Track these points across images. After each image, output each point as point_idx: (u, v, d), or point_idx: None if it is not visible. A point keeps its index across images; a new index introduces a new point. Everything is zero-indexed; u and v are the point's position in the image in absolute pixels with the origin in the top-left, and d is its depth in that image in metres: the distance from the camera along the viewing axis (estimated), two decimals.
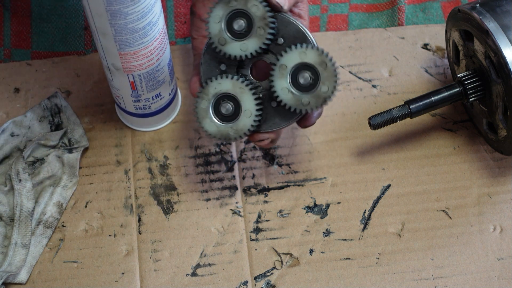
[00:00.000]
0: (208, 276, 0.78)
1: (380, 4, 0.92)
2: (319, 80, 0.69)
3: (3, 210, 0.79)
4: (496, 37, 0.74)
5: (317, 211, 0.81)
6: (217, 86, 0.71)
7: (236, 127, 0.72)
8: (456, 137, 0.84)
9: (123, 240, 0.79)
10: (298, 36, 0.71)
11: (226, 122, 0.72)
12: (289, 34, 0.71)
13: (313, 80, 0.70)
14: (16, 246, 0.77)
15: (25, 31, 0.91)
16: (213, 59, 0.72)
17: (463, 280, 0.77)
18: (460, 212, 0.80)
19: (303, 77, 0.70)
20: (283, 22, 0.71)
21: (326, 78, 0.69)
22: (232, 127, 0.72)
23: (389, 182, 0.82)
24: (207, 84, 0.72)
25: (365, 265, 0.78)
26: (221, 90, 0.71)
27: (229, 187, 0.82)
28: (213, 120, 0.72)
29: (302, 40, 0.71)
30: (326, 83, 0.69)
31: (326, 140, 0.84)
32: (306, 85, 0.70)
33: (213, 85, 0.71)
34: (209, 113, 0.72)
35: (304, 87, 0.70)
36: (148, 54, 0.75)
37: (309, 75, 0.70)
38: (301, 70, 0.70)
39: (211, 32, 0.70)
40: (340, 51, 0.89)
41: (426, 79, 0.88)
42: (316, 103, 0.70)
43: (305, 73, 0.70)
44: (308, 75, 0.70)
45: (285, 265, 0.78)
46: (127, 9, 0.70)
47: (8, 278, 0.76)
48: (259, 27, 0.70)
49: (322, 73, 0.69)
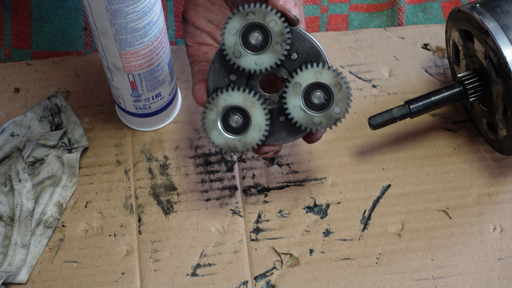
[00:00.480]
0: (208, 276, 0.78)
1: (380, 4, 0.93)
2: (332, 101, 0.69)
3: (3, 210, 0.79)
4: (496, 37, 0.74)
5: (317, 211, 0.81)
6: (227, 99, 0.70)
7: (244, 140, 0.71)
8: (456, 137, 0.84)
9: (123, 240, 0.79)
10: (312, 53, 0.70)
11: (234, 135, 0.71)
12: (303, 50, 0.70)
13: (326, 100, 0.69)
14: (16, 246, 0.77)
15: (25, 31, 0.91)
16: (223, 68, 0.71)
17: (463, 280, 0.77)
18: (460, 212, 0.80)
19: (317, 97, 0.69)
20: (298, 37, 0.70)
21: (340, 100, 0.69)
22: (240, 140, 0.71)
23: (389, 182, 0.82)
24: (217, 96, 0.70)
25: (365, 265, 0.78)
26: (232, 103, 0.70)
27: (229, 187, 0.82)
28: (221, 132, 0.71)
29: (316, 57, 0.70)
30: (339, 104, 0.69)
31: (326, 140, 0.84)
32: (319, 105, 0.70)
33: (223, 97, 0.70)
34: (217, 125, 0.71)
35: (317, 107, 0.70)
36: (148, 53, 0.75)
37: (323, 95, 0.69)
38: (314, 90, 0.69)
39: (226, 43, 0.69)
40: (340, 51, 0.89)
41: (426, 79, 0.88)
42: (328, 123, 0.70)
43: (319, 92, 0.69)
44: (322, 95, 0.69)
45: (285, 265, 0.78)
46: (127, 8, 0.70)
47: (8, 278, 0.76)
48: (276, 42, 0.69)
49: (336, 94, 0.69)
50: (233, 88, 0.70)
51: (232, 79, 0.71)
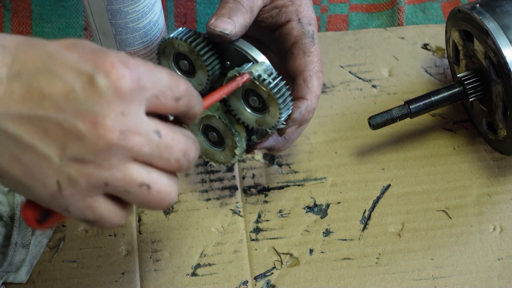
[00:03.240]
0: (208, 276, 0.78)
1: (380, 4, 0.93)
2: (266, 105, 0.68)
3: (4, 210, 0.79)
4: (496, 37, 0.74)
5: (317, 211, 0.81)
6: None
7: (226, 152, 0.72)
8: (456, 137, 0.84)
9: (123, 240, 0.79)
10: (240, 56, 0.69)
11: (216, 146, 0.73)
12: (231, 56, 0.69)
13: (261, 103, 0.68)
14: (17, 246, 0.78)
15: (25, 32, 0.91)
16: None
17: (463, 280, 0.77)
18: (460, 212, 0.80)
19: (253, 100, 0.68)
20: (225, 46, 0.69)
21: (271, 105, 0.67)
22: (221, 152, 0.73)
23: (389, 182, 0.82)
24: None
25: (365, 265, 0.78)
26: (206, 123, 0.71)
27: (229, 187, 0.82)
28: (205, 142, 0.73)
29: (245, 60, 0.69)
30: (271, 109, 0.68)
31: (326, 140, 0.84)
32: (258, 107, 0.69)
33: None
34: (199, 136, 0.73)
35: (257, 108, 0.69)
36: (149, 53, 0.75)
37: (256, 97, 0.68)
38: (250, 92, 0.68)
39: None
40: (340, 51, 0.89)
41: (426, 79, 0.88)
42: (269, 126, 0.69)
43: (252, 96, 0.68)
44: (255, 98, 0.68)
45: (285, 265, 0.78)
46: (128, 8, 0.70)
47: (8, 277, 0.76)
48: (195, 59, 0.69)
49: (266, 99, 0.67)
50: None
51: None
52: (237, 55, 0.69)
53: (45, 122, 0.52)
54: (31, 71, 0.52)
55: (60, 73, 0.52)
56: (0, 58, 0.52)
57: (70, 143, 0.52)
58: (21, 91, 0.52)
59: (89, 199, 0.54)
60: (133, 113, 0.53)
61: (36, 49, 0.53)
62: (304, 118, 0.70)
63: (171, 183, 0.56)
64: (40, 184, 0.53)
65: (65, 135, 0.52)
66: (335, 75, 0.88)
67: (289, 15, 0.72)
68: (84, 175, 0.52)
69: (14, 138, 0.52)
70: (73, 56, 0.53)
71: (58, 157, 0.52)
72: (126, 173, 0.53)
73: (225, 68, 0.70)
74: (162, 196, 0.55)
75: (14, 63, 0.52)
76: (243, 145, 0.72)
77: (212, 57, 0.69)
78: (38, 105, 0.52)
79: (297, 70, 0.71)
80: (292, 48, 0.72)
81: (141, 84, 0.53)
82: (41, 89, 0.52)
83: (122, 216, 0.56)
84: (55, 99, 0.52)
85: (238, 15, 0.68)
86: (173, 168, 0.56)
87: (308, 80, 0.70)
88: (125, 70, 0.52)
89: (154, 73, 0.54)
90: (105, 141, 0.52)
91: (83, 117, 0.51)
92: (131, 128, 0.52)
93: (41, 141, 0.52)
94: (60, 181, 0.52)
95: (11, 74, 0.52)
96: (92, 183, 0.53)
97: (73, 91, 0.52)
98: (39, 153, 0.52)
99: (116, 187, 0.54)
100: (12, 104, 0.52)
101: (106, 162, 0.52)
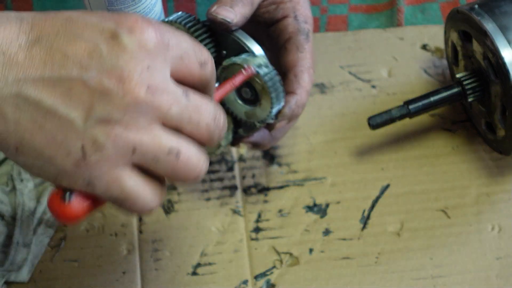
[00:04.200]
0: (209, 275, 0.78)
1: (379, 5, 0.93)
2: (259, 98, 0.67)
3: (5, 209, 0.79)
4: (494, 38, 0.74)
5: (317, 211, 0.81)
6: None
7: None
8: (455, 137, 0.85)
9: (124, 239, 0.80)
10: (237, 46, 0.68)
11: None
12: (228, 45, 0.69)
13: (253, 95, 0.68)
14: (18, 245, 0.78)
15: None
16: None
17: (462, 279, 0.77)
18: (459, 212, 0.81)
19: (245, 92, 0.68)
20: (223, 36, 0.69)
21: (264, 98, 0.67)
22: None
23: (388, 182, 0.82)
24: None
25: (364, 264, 0.78)
26: None
27: (229, 186, 0.82)
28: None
29: (241, 50, 0.68)
30: (263, 102, 0.67)
31: (326, 140, 0.84)
32: (250, 99, 0.68)
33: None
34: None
35: (249, 101, 0.68)
36: None
37: (249, 90, 0.67)
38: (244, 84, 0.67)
39: None
40: (340, 51, 0.89)
41: (425, 80, 0.88)
42: (258, 119, 0.68)
43: (245, 88, 0.68)
44: (248, 90, 0.68)
45: (285, 264, 0.79)
46: (128, 9, 0.70)
47: (10, 277, 0.76)
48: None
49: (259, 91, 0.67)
50: None
51: None
52: (235, 44, 0.68)
53: (68, 83, 0.49)
54: (51, 35, 0.50)
55: (81, 33, 0.50)
56: (18, 27, 0.51)
57: (95, 103, 0.49)
58: (42, 54, 0.50)
59: (116, 169, 0.51)
60: (160, 70, 0.51)
61: (55, 16, 0.52)
62: (294, 113, 0.69)
63: (200, 153, 0.53)
64: (63, 152, 0.50)
65: (90, 94, 0.49)
66: (334, 76, 0.88)
67: (286, 11, 0.71)
68: (111, 137, 0.50)
69: (35, 104, 0.50)
70: (93, 17, 0.51)
71: (82, 120, 0.49)
72: (155, 136, 0.51)
73: (220, 57, 0.69)
74: (191, 167, 0.53)
75: (33, 30, 0.51)
76: (229, 137, 0.71)
77: (208, 44, 0.68)
78: (60, 66, 0.50)
79: (289, 65, 0.70)
80: (286, 44, 0.71)
81: (166, 41, 0.51)
82: (62, 50, 0.50)
83: (154, 196, 0.53)
84: (78, 58, 0.50)
85: (239, 5, 0.68)
86: (203, 135, 0.53)
87: (299, 76, 0.70)
88: (149, 27, 0.51)
89: (177, 35, 0.53)
90: (132, 96, 0.49)
91: (109, 73, 0.49)
92: (159, 85, 0.50)
93: (64, 103, 0.49)
94: (85, 146, 0.50)
95: (30, 40, 0.50)
96: (119, 148, 0.50)
97: (96, 49, 0.50)
98: (62, 117, 0.49)
99: (144, 153, 0.51)
100: (33, 69, 0.50)
101: (133, 122, 0.50)
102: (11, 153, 0.52)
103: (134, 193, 0.52)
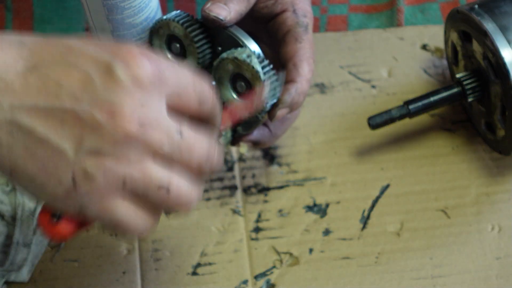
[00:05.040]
0: (209, 275, 0.78)
1: (379, 5, 0.93)
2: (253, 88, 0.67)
3: (5, 209, 0.79)
4: (494, 38, 0.74)
5: (317, 211, 0.81)
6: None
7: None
8: (455, 137, 0.85)
9: (124, 239, 0.80)
10: (231, 42, 0.68)
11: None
12: (223, 41, 0.69)
13: (248, 87, 0.67)
14: (18, 245, 0.78)
15: (27, 32, 0.91)
16: None
17: (462, 279, 0.77)
18: (459, 212, 0.81)
19: (240, 86, 0.68)
20: (218, 32, 0.69)
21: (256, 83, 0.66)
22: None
23: (388, 182, 0.82)
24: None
25: (364, 264, 0.78)
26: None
27: (229, 186, 0.82)
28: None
29: (236, 45, 0.68)
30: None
31: (326, 140, 0.84)
32: (246, 92, 0.68)
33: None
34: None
35: (246, 94, 0.68)
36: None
37: (244, 83, 0.67)
38: (239, 78, 0.67)
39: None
40: (340, 51, 0.89)
41: (425, 80, 0.88)
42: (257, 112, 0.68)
43: (240, 81, 0.67)
44: (243, 84, 0.67)
45: (285, 264, 0.79)
46: (123, 3, 0.70)
47: (10, 277, 0.76)
48: (188, 44, 0.68)
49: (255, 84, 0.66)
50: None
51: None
52: (229, 40, 0.68)
53: (61, 114, 0.50)
54: (48, 63, 0.51)
55: (77, 63, 0.50)
56: (18, 52, 0.51)
57: (86, 135, 0.50)
58: (37, 83, 0.50)
59: (107, 199, 0.51)
60: (153, 107, 0.51)
61: (54, 43, 0.52)
62: (294, 101, 0.69)
63: (191, 187, 0.54)
64: (54, 180, 0.51)
65: (82, 126, 0.50)
66: (334, 76, 0.88)
67: (284, 5, 0.71)
68: (101, 169, 0.50)
69: (28, 132, 0.50)
70: (91, 47, 0.51)
71: (73, 151, 0.50)
72: (145, 170, 0.51)
73: (215, 53, 0.70)
74: (182, 199, 0.53)
75: (32, 56, 0.51)
76: (228, 135, 0.70)
77: (205, 45, 0.69)
78: (54, 96, 0.50)
79: (288, 55, 0.70)
80: (284, 37, 0.71)
81: (163, 78, 0.51)
82: (57, 80, 0.50)
83: (146, 221, 0.53)
84: (72, 89, 0.50)
85: (234, 2, 0.67)
86: (193, 170, 0.53)
87: (299, 65, 0.69)
88: (146, 61, 0.51)
89: (177, 69, 0.53)
90: (123, 131, 0.50)
91: (101, 107, 0.49)
92: (151, 122, 0.50)
93: (56, 133, 0.50)
94: (75, 177, 0.50)
95: (27, 67, 0.51)
96: (109, 180, 0.50)
97: (90, 81, 0.50)
98: (54, 146, 0.50)
99: (134, 186, 0.51)
100: (28, 97, 0.50)
101: (124, 156, 0.50)
102: (7, 176, 0.53)
103: (125, 220, 0.53)
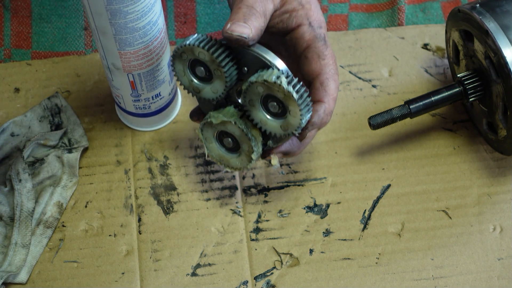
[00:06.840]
0: (208, 276, 0.78)
1: (380, 4, 0.93)
2: (287, 109, 0.68)
3: (4, 210, 0.79)
4: (496, 37, 0.74)
5: (317, 211, 0.81)
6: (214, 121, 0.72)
7: (242, 157, 0.73)
8: (456, 137, 0.84)
9: (123, 240, 0.79)
10: (257, 62, 0.69)
11: (231, 152, 0.74)
12: (248, 62, 0.69)
13: (281, 108, 0.68)
14: (16, 246, 0.77)
15: (25, 31, 0.91)
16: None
17: (463, 280, 0.77)
18: (460, 212, 0.81)
19: (272, 106, 0.68)
20: (242, 52, 0.69)
21: (292, 109, 0.67)
22: (237, 157, 0.74)
23: (389, 182, 0.82)
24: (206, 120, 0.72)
25: (365, 265, 0.78)
26: (220, 128, 0.72)
27: (229, 187, 0.82)
28: (218, 147, 0.75)
29: (262, 65, 0.68)
30: (292, 113, 0.67)
31: (326, 140, 0.84)
32: (278, 113, 0.69)
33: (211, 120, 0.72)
34: (213, 141, 0.74)
35: (277, 114, 0.69)
36: (148, 53, 0.75)
37: (276, 103, 0.68)
38: (270, 98, 0.68)
39: (184, 84, 0.71)
40: (340, 51, 0.89)
41: (426, 79, 0.88)
42: (294, 127, 0.68)
43: (272, 102, 0.68)
44: (275, 104, 0.68)
45: (285, 265, 0.78)
46: (127, 8, 0.70)
47: (8, 278, 0.76)
48: (215, 69, 0.69)
49: (286, 102, 0.67)
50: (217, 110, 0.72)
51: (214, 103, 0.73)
52: (255, 60, 0.69)
53: None
54: None
55: None
56: None
57: None
58: None
59: None
60: None
61: None
62: (323, 121, 0.70)
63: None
64: None
65: None
66: None
67: (299, 19, 0.71)
68: None
69: None
70: None
71: None
72: None
73: (242, 73, 0.70)
74: None
75: None
76: (259, 150, 0.72)
77: (232, 67, 0.69)
78: None
79: (314, 73, 0.71)
80: (305, 52, 0.71)
81: None
82: None
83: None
84: None
85: (253, 19, 0.68)
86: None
87: (325, 83, 0.70)
88: None
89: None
90: None
91: None
92: None
93: None
94: None
95: None
96: None
97: None
98: None
99: None
100: None
101: None
102: None
103: None
